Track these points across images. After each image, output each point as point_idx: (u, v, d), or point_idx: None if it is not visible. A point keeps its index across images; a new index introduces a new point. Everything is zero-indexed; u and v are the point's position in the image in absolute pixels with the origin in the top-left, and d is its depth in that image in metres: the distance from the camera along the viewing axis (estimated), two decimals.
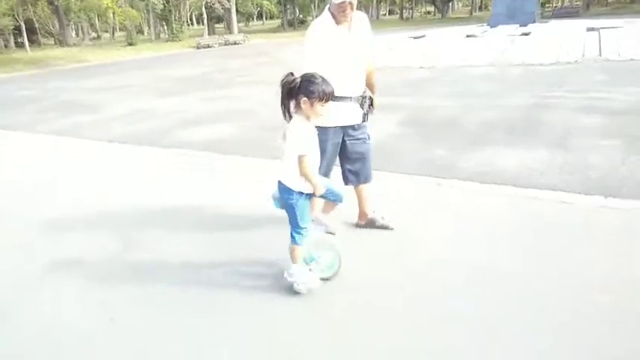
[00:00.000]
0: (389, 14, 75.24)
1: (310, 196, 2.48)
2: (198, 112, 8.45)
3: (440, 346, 2.10)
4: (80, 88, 13.96)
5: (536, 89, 8.33)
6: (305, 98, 2.30)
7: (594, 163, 4.40)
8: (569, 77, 9.49)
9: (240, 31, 58.95)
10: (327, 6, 2.84)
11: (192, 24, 72.07)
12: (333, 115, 2.72)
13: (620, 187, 3.82)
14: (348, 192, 2.87)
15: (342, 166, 3.10)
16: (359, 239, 3.12)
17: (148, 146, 6.17)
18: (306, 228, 2.49)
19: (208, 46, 34.35)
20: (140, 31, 50.07)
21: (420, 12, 68.85)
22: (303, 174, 2.36)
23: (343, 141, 2.99)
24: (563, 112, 6.51)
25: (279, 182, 2.50)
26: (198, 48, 33.59)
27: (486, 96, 8.15)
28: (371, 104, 3.03)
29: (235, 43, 36.04)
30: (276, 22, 65.08)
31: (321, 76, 2.34)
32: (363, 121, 3.01)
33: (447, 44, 18.01)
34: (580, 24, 20.65)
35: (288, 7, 56.29)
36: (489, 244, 2.95)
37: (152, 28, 42.28)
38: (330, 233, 2.99)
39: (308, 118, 2.37)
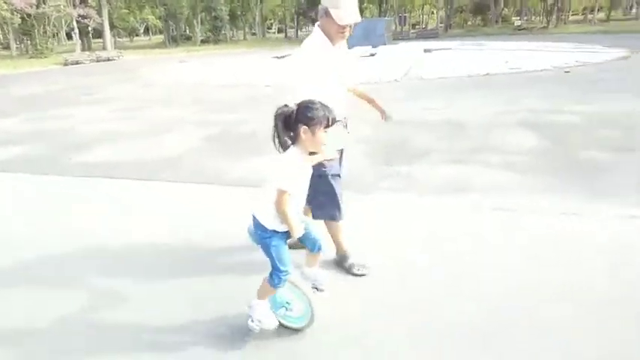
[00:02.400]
0: (278, 33, 77.33)
1: (287, 235, 2.23)
2: (13, 132, 8.39)
3: None
4: None
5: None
6: (305, 127, 2.08)
7: None
8: (374, 95, 10.94)
9: (122, 46, 56.53)
10: (317, 24, 2.75)
11: (70, 38, 67.51)
12: (336, 140, 2.60)
13: None
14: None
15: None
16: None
17: None
18: (286, 272, 2.23)
19: (77, 63, 32.57)
20: (6, 47, 45.91)
21: (308, 31, 71.62)
22: (279, 211, 2.12)
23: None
24: None
25: (254, 217, 2.28)
26: (65, 65, 31.79)
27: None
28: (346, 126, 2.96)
29: (109, 60, 34.71)
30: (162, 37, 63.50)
31: (319, 101, 2.14)
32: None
33: None
34: (422, 46, 23.37)
35: (171, 22, 55.31)
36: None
37: (13, 43, 39.18)
38: (319, 290, 2.46)
39: (307, 151, 2.16)
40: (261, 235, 2.22)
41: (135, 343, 2.43)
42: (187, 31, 64.41)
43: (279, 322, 2.39)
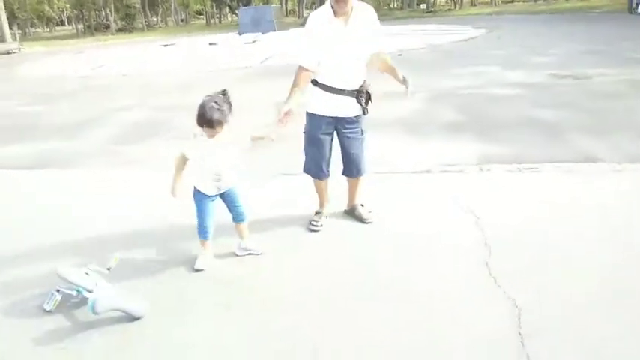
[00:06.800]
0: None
1: (208, 197, 2.76)
2: None
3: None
4: None
5: (170, 95, 10.07)
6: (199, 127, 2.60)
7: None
8: (207, 82, 11.58)
9: (38, 37, 53.94)
10: None
11: None
12: (323, 104, 3.00)
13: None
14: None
15: (342, 157, 3.25)
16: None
17: None
18: (201, 224, 2.80)
19: None
20: None
21: (231, 18, 70.83)
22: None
23: (339, 134, 3.12)
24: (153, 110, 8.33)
25: None
26: None
27: (125, 99, 9.67)
28: (369, 99, 3.04)
29: (8, 53, 33.33)
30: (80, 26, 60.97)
31: (209, 100, 2.54)
32: (359, 115, 3.07)
33: (181, 52, 19.79)
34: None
35: (84, 11, 53.39)
36: None
37: None
38: (254, 253, 3.00)
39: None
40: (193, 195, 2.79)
41: None
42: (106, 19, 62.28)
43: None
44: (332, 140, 3.18)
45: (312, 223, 3.34)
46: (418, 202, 3.69)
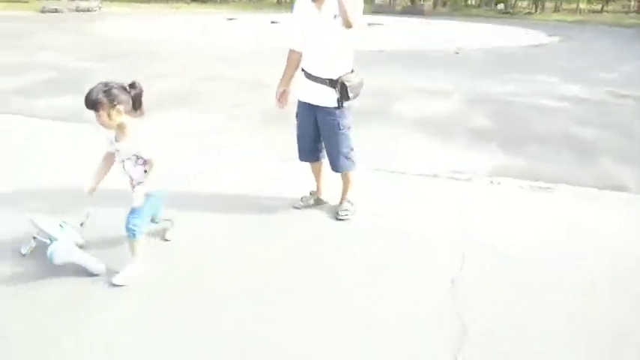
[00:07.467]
0: None
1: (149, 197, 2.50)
2: None
3: None
4: None
5: (219, 66, 10.26)
6: None
7: None
8: (256, 57, 11.69)
9: None
10: None
11: None
12: (303, 90, 3.03)
13: None
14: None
15: None
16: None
17: None
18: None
19: (56, 11, 33.19)
20: None
21: None
22: None
23: (318, 122, 3.04)
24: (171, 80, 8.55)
25: None
26: (43, 12, 32.40)
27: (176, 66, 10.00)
28: (346, 91, 2.84)
29: (88, 10, 35.19)
30: None
31: (99, 83, 2.47)
32: (337, 107, 2.92)
33: (244, 27, 20.08)
34: (380, 20, 23.64)
35: None
36: None
37: None
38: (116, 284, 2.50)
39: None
40: None
41: None
42: None
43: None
44: (316, 126, 3.11)
45: (299, 200, 3.39)
46: (412, 205, 3.56)
